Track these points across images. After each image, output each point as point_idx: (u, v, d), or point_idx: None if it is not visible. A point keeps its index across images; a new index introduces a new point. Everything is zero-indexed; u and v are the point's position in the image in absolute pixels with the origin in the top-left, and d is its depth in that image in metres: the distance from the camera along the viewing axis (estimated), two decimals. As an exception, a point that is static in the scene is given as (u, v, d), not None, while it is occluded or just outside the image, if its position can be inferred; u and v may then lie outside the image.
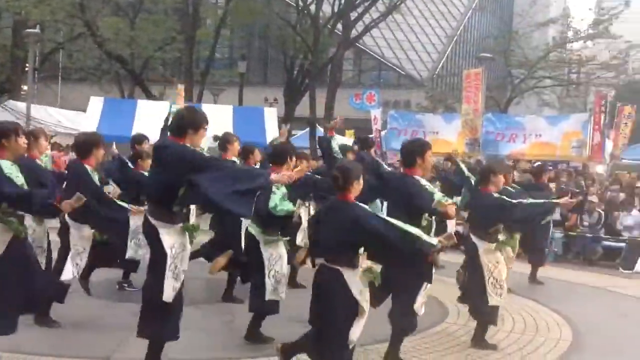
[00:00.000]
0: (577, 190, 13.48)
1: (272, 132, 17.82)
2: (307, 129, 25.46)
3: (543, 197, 10.38)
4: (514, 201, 6.45)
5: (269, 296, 6.03)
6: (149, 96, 24.19)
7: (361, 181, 4.62)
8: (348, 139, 28.21)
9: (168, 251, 4.78)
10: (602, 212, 13.25)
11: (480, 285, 6.33)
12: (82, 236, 6.30)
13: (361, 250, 4.57)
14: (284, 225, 6.24)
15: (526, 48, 31.86)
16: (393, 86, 40.22)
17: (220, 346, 5.57)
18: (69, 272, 6.26)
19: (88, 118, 17.20)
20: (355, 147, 10.06)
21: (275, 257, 6.09)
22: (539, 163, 18.46)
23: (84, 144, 6.32)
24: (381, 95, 36.76)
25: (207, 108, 17.69)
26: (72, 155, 8.88)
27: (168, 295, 4.76)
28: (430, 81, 39.35)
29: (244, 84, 26.45)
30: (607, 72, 31.31)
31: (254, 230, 6.11)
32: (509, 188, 8.02)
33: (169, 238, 4.82)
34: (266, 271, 6.03)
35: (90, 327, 6.48)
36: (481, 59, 23.97)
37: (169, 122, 5.39)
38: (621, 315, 8.42)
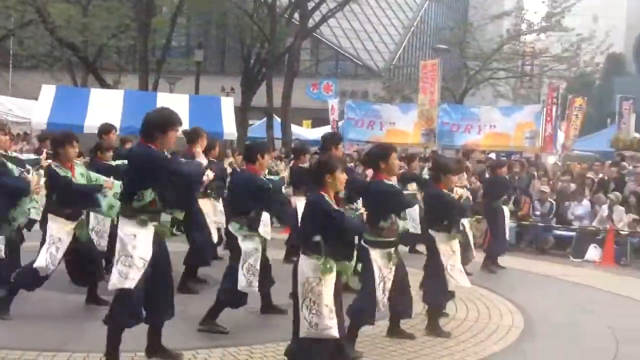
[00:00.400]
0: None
1: (228, 121, 17.71)
2: (264, 119, 25.39)
3: (499, 190, 10.73)
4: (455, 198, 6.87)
5: (241, 287, 6.16)
6: (103, 85, 23.78)
7: (337, 174, 4.87)
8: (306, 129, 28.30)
9: (124, 238, 4.96)
10: (554, 202, 13.54)
11: (438, 272, 6.62)
12: (60, 228, 6.32)
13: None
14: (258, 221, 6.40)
15: (481, 40, 32.25)
16: (350, 76, 40.35)
17: (173, 336, 5.53)
18: (42, 260, 6.20)
19: (40, 107, 16.82)
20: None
21: (251, 251, 6.26)
22: (502, 157, 18.86)
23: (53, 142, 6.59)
24: (338, 85, 36.82)
25: (163, 97, 17.54)
26: (23, 144, 8.83)
27: (113, 282, 4.92)
28: (387, 72, 39.58)
29: (200, 72, 26.16)
30: (559, 64, 31.89)
31: (232, 227, 6.38)
32: None
33: (123, 227, 5.00)
34: (241, 262, 6.20)
35: (44, 318, 6.38)
36: (437, 50, 24.20)
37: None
38: (571, 302, 8.63)
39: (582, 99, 21.92)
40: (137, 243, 4.95)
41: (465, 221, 9.01)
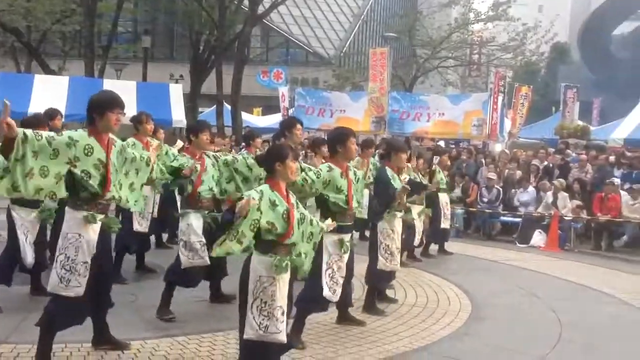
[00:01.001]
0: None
1: (177, 108, 17.48)
2: (214, 106, 25.15)
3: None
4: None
5: (185, 265, 6.18)
6: (47, 71, 23.18)
7: (288, 163, 4.58)
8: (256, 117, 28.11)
9: (69, 236, 4.75)
10: (500, 189, 13.80)
11: (374, 250, 6.81)
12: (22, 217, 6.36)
13: None
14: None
15: (430, 28, 32.57)
16: (301, 64, 40.26)
17: (121, 326, 5.46)
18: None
19: (-19, 93, 16.32)
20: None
21: (186, 228, 6.27)
22: (451, 145, 19.05)
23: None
24: (289, 73, 36.69)
25: (110, 84, 17.18)
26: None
27: (53, 286, 4.76)
28: (338, 59, 39.63)
29: (148, 59, 25.74)
30: (505, 53, 32.47)
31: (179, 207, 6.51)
32: None
33: (69, 222, 4.77)
34: (180, 242, 6.26)
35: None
36: (387, 38, 24.29)
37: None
38: (517, 287, 8.81)
39: (528, 87, 22.35)
40: (80, 245, 4.71)
41: (414, 208, 9.16)
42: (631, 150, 17.44)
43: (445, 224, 10.79)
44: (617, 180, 13.60)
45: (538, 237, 12.60)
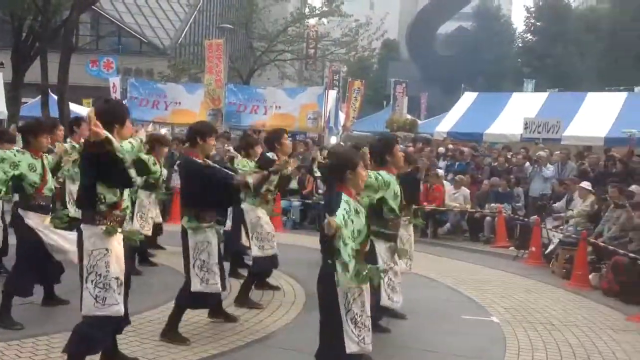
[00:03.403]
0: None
1: (-3, 98, 16.26)
2: (39, 97, 23.63)
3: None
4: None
5: (195, 287, 5.71)
6: None
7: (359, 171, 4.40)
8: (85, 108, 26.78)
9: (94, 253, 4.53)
10: (335, 180, 14.13)
11: (249, 241, 7.02)
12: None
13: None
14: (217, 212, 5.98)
15: (266, 21, 32.75)
16: (134, 53, 38.80)
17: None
18: None
19: None
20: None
21: (201, 246, 5.75)
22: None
23: None
24: (121, 63, 35.35)
25: None
26: None
27: (89, 308, 4.51)
28: (174, 50, 38.74)
29: (-38, 45, 23.69)
30: (339, 48, 33.40)
31: (183, 221, 5.81)
32: None
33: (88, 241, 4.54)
34: (191, 261, 5.72)
35: None
36: (223, 30, 24.10)
37: None
38: (349, 275, 9.07)
39: (361, 82, 23.18)
40: (109, 260, 4.46)
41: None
42: (453, 142, 18.62)
43: None
44: (440, 172, 14.45)
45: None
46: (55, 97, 22.26)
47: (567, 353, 6.23)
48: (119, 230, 4.57)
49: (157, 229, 9.39)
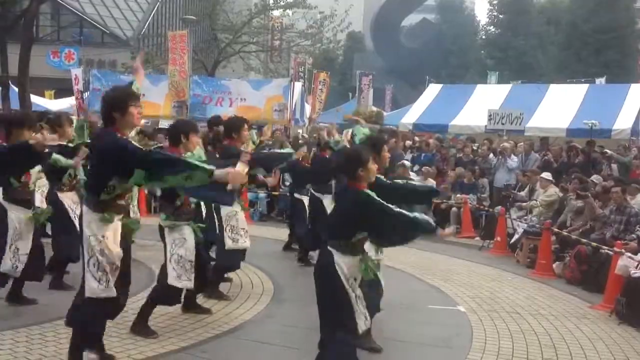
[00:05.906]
0: None
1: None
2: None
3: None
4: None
5: (170, 281, 5.75)
6: None
7: (370, 166, 4.47)
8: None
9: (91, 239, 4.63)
10: (301, 172, 14.12)
11: (220, 232, 6.96)
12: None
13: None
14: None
15: (230, 13, 32.49)
16: (96, 45, 38.17)
17: None
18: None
19: None
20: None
21: (178, 242, 5.82)
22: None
23: None
24: (83, 54, 34.77)
25: None
26: None
27: (93, 290, 4.64)
28: (137, 41, 38.23)
29: None
30: (304, 40, 33.31)
31: (161, 220, 5.95)
32: None
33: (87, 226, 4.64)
34: (168, 255, 5.79)
35: None
36: (187, 21, 23.82)
37: None
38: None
39: (326, 74, 23.14)
40: (105, 246, 4.59)
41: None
42: (418, 134, 18.75)
43: None
44: (407, 163, 14.53)
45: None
46: (16, 90, 21.83)
47: (533, 341, 6.33)
48: (117, 218, 4.68)
49: None
